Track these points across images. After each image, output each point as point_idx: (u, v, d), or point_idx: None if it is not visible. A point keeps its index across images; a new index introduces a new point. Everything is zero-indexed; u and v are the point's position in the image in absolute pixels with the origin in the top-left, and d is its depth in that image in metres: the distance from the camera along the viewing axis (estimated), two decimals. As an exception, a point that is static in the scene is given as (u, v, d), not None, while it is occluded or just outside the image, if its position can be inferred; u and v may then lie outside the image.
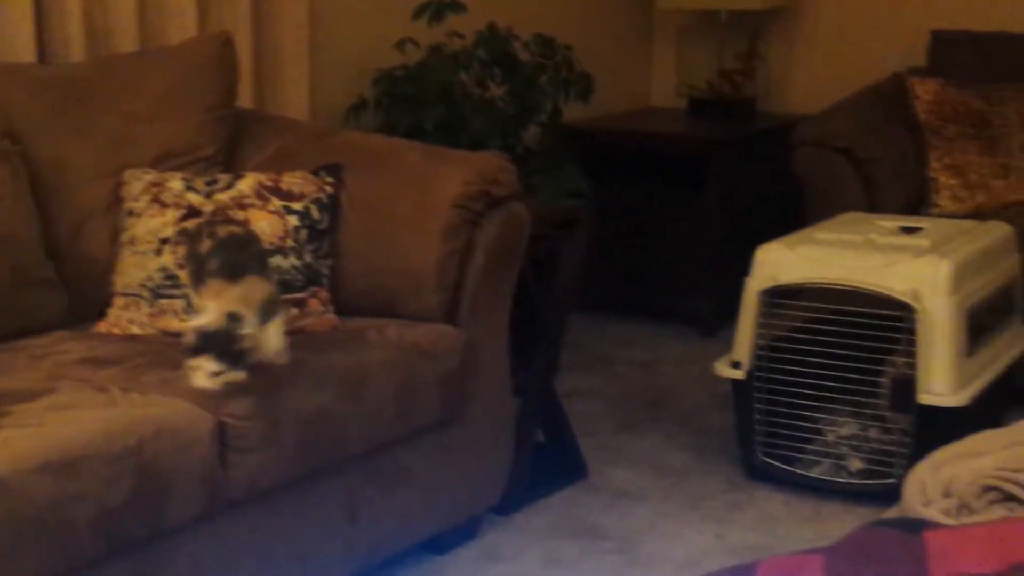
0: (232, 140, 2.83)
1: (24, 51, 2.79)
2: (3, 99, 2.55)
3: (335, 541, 2.34)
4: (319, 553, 2.31)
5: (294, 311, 2.49)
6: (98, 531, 1.90)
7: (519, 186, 2.68)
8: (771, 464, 2.91)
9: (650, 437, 3.23)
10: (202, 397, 2.10)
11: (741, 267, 2.95)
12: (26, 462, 1.84)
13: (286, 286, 2.48)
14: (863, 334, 2.76)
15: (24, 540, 1.80)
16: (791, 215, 3.55)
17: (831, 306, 2.83)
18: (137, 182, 2.59)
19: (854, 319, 2.77)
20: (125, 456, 1.94)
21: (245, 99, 3.12)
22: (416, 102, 3.46)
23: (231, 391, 2.07)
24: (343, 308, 2.57)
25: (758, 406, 2.89)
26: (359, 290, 2.61)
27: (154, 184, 2.58)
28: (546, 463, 2.95)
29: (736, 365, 2.90)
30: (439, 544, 2.61)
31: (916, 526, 1.32)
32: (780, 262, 2.87)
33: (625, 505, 2.84)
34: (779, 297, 2.87)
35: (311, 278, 2.54)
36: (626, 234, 4.12)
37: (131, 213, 2.56)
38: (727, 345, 3.01)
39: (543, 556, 2.61)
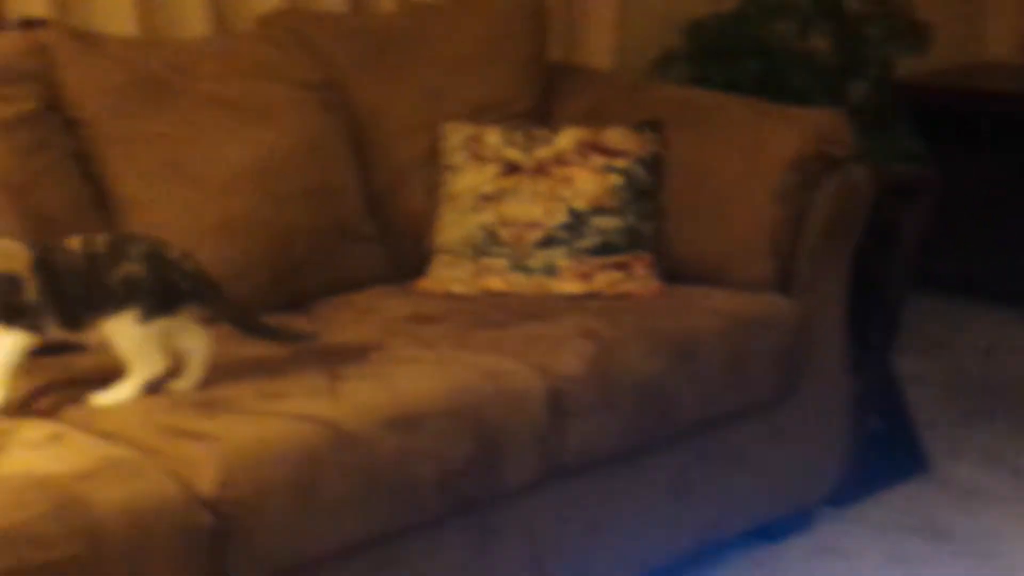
0: (545, 93, 2.97)
1: (336, -1, 3.00)
2: (322, 49, 2.76)
3: (662, 519, 2.45)
4: (646, 529, 2.42)
5: (618, 274, 2.61)
6: (439, 490, 2.06)
7: (858, 147, 2.71)
8: None
9: (995, 431, 3.20)
10: (534, 359, 2.25)
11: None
12: (372, 416, 2.01)
13: (610, 248, 2.61)
14: None
15: (372, 495, 1.98)
16: None
17: None
18: (455, 136, 2.76)
19: None
20: (464, 415, 2.10)
21: (549, 49, 3.25)
22: (730, 55, 3.51)
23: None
24: (666, 273, 2.66)
25: None
26: (684, 255, 2.70)
27: (472, 138, 2.74)
28: (882, 452, 2.97)
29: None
30: (770, 533, 2.69)
31: None
32: None
33: (975, 505, 2.83)
34: None
35: (635, 241, 2.64)
36: (964, 205, 4.05)
37: (449, 168, 2.74)
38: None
39: (885, 553, 2.64)
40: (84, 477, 1.73)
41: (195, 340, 2.10)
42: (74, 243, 2.04)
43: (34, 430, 1.89)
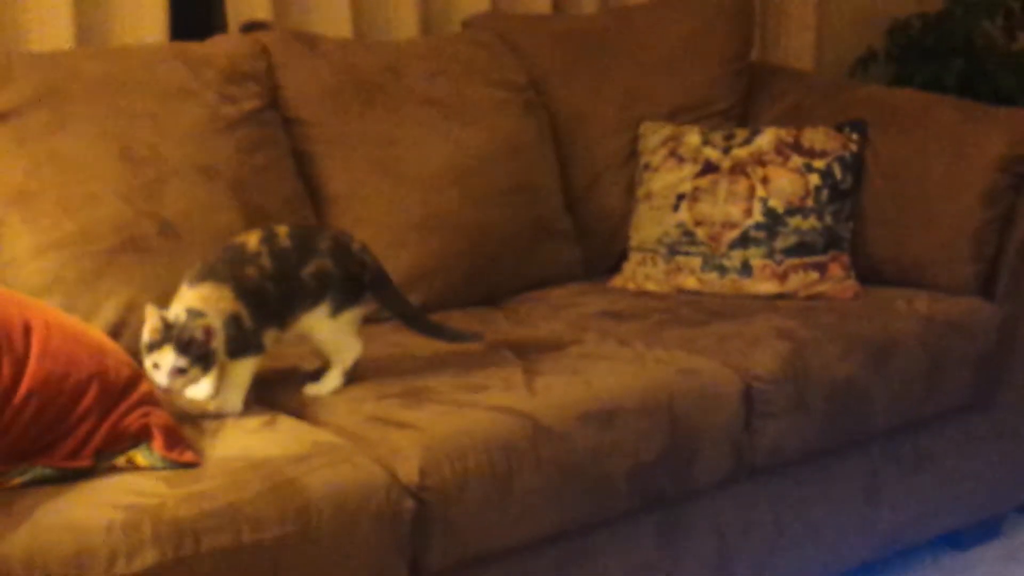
0: (745, 93, 2.95)
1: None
2: (525, 51, 2.81)
3: (852, 522, 2.42)
4: (833, 533, 2.40)
5: (813, 275, 2.59)
6: (632, 484, 2.08)
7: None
8: None
9: None
10: (728, 357, 2.25)
11: None
12: (568, 410, 2.04)
13: (806, 248, 2.59)
14: None
15: (566, 487, 2.01)
16: None
17: None
18: (654, 135, 2.78)
19: None
20: (658, 411, 2.11)
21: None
22: (933, 54, 3.44)
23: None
24: (863, 274, 2.63)
25: None
26: (881, 256, 2.66)
27: (671, 138, 2.75)
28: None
29: None
30: (959, 540, 2.63)
31: None
32: None
33: None
34: None
35: (831, 241, 2.62)
36: None
37: (647, 167, 2.75)
38: None
39: (1078, 563, 2.57)
40: (297, 461, 1.80)
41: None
42: (252, 242, 2.03)
43: (250, 416, 1.98)
